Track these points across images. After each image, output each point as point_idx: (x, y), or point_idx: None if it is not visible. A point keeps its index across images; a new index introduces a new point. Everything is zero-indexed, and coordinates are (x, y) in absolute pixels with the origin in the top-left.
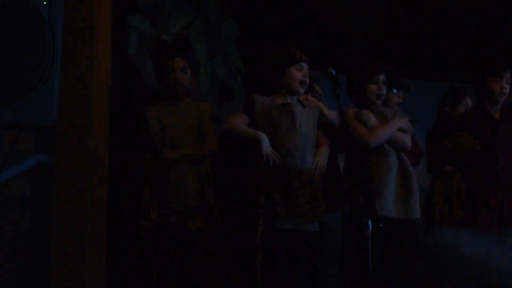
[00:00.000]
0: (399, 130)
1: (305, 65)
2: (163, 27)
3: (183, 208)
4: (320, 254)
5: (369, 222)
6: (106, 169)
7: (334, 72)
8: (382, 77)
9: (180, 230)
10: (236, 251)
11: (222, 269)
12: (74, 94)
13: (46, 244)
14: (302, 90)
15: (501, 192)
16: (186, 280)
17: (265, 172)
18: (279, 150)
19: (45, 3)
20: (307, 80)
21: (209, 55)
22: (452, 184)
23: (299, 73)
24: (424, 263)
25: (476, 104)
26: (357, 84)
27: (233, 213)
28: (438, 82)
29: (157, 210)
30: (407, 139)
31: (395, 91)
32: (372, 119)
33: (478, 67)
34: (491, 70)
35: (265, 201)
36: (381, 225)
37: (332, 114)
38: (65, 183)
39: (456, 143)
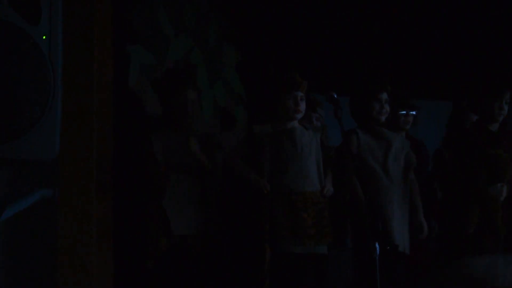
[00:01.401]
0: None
1: (299, 94)
2: (162, 56)
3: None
4: (329, 277)
5: (377, 245)
6: (111, 201)
7: (335, 96)
8: (384, 95)
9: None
10: (244, 278)
11: None
12: (76, 126)
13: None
14: (298, 116)
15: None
16: None
17: (269, 197)
18: (281, 175)
19: (44, 37)
20: (301, 109)
21: (210, 82)
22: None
23: (292, 102)
24: None
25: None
26: (359, 102)
27: (240, 240)
28: (438, 101)
29: (166, 238)
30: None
31: (403, 112)
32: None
33: (477, 86)
34: (490, 90)
35: (270, 226)
36: (388, 248)
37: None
38: (70, 216)
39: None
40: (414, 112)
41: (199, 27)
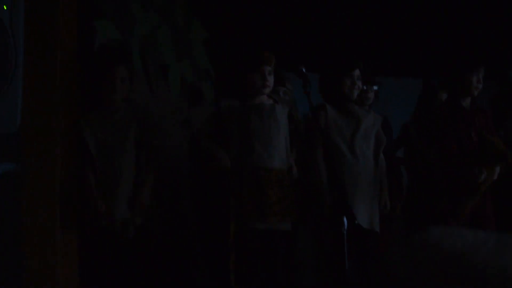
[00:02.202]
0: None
1: (267, 68)
2: (129, 32)
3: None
4: (296, 253)
5: (344, 219)
6: (75, 174)
7: (304, 70)
8: (357, 72)
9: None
10: (210, 253)
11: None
12: (39, 100)
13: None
14: (266, 91)
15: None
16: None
17: (235, 173)
18: (248, 151)
19: (5, 8)
20: (269, 84)
21: (177, 58)
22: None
23: (260, 77)
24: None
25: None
26: (331, 79)
27: (205, 215)
28: (411, 78)
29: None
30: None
31: (365, 87)
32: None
33: (454, 61)
34: (469, 63)
35: (235, 202)
36: (356, 222)
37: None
38: (33, 190)
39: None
40: (376, 87)
41: (166, 3)
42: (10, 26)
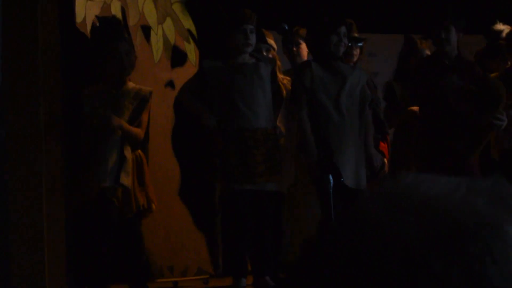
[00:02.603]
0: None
1: (249, 27)
2: None
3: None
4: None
5: (330, 177)
6: (60, 140)
7: (286, 27)
8: (343, 29)
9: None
10: (195, 214)
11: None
12: (19, 61)
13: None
14: (249, 49)
15: None
16: None
17: (220, 134)
18: (232, 111)
19: None
20: (251, 42)
21: (159, 19)
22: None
23: (242, 36)
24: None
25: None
26: (318, 36)
27: (191, 177)
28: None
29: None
30: None
31: (350, 44)
32: None
33: (440, 16)
34: (454, 20)
35: (221, 163)
36: (342, 180)
37: None
38: (18, 154)
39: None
40: (360, 44)
41: None
42: None
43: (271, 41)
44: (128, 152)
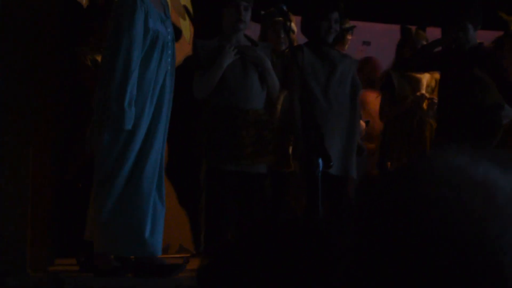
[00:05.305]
0: None
1: (243, 3)
2: None
3: None
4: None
5: (320, 161)
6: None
7: (284, 8)
8: (335, 14)
9: None
10: (180, 192)
11: None
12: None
13: None
14: (242, 26)
15: None
16: None
17: (209, 111)
18: (224, 90)
19: None
20: (244, 19)
21: None
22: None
23: (234, 11)
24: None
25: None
26: (310, 21)
27: (178, 153)
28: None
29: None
30: None
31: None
32: None
33: (456, 11)
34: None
35: (207, 141)
36: (331, 164)
37: None
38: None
39: None
40: (351, 31)
41: None
42: None
43: (293, 25)
44: None
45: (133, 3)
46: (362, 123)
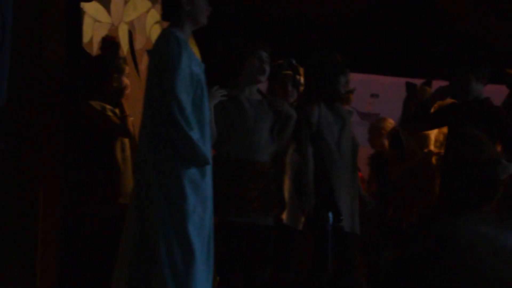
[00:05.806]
0: None
1: (264, 54)
2: (118, 15)
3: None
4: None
5: (330, 215)
6: (61, 153)
7: (294, 62)
8: (348, 70)
9: None
10: None
11: None
12: (25, 78)
13: None
14: (262, 79)
15: None
16: None
17: (215, 164)
18: (231, 142)
19: None
20: (267, 68)
21: None
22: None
23: (257, 61)
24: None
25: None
26: (327, 75)
27: None
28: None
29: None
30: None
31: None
32: None
33: (460, 63)
34: (473, 67)
35: (215, 193)
36: (341, 218)
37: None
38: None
39: None
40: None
41: None
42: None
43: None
44: None
45: (177, 45)
46: None
